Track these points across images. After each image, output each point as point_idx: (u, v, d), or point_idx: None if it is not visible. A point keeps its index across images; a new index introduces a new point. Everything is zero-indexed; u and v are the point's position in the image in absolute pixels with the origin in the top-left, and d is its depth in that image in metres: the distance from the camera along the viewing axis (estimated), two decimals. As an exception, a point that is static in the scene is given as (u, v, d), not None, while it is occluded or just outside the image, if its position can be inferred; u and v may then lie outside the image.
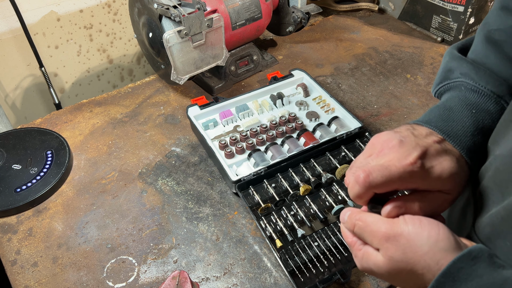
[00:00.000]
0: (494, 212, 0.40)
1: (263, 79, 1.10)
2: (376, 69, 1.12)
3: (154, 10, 0.87)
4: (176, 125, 0.97)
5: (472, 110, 0.46)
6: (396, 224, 0.39)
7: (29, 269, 0.70)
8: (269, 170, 0.79)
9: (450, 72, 0.51)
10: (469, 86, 0.48)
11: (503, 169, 0.40)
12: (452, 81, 0.50)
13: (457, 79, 0.49)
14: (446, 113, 0.47)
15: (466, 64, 0.49)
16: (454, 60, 0.51)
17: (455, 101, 0.48)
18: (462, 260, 0.35)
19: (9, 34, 1.12)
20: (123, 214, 0.78)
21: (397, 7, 1.32)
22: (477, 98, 0.47)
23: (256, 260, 0.71)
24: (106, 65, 1.35)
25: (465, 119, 0.46)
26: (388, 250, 0.39)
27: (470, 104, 0.47)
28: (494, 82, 0.47)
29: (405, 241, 0.38)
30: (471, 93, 0.48)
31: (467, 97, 0.47)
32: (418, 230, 0.38)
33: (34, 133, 0.91)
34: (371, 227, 0.40)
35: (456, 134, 0.45)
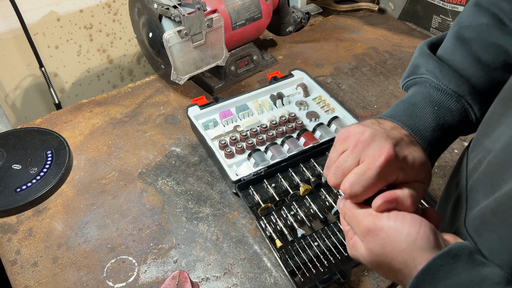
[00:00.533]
0: (484, 205, 0.40)
1: (263, 79, 1.10)
2: (376, 69, 1.12)
3: (154, 10, 0.87)
4: (176, 125, 0.97)
5: (434, 107, 0.49)
6: (378, 218, 0.40)
7: (29, 269, 0.70)
8: (269, 170, 0.79)
9: (417, 67, 0.52)
10: (433, 84, 0.50)
11: (495, 162, 0.40)
12: (418, 76, 0.52)
13: (422, 75, 0.51)
14: (410, 109, 0.49)
15: (432, 62, 0.51)
16: (422, 56, 0.52)
17: (419, 97, 0.50)
18: (441, 258, 0.36)
19: (9, 34, 1.12)
20: (123, 214, 0.78)
21: (397, 7, 1.32)
22: (440, 96, 0.49)
23: (256, 260, 0.71)
24: (106, 65, 1.35)
25: (427, 116, 0.48)
26: (369, 243, 0.40)
27: (433, 101, 0.49)
28: (456, 81, 0.49)
29: (385, 236, 0.39)
30: (434, 90, 0.50)
31: (431, 94, 0.49)
32: (399, 226, 0.39)
33: (34, 133, 0.91)
34: (356, 218, 0.42)
35: (418, 129, 0.47)
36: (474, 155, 0.47)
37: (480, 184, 0.42)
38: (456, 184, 0.50)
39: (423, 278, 0.36)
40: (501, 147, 0.40)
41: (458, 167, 0.52)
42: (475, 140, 0.48)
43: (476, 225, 0.41)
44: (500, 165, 0.40)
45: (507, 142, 0.40)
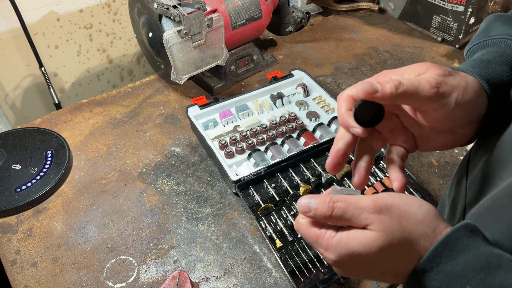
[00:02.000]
0: (482, 202, 0.40)
1: (263, 79, 1.09)
2: (376, 69, 1.12)
3: (154, 10, 0.87)
4: (176, 125, 0.97)
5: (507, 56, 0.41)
6: (383, 198, 0.37)
7: (29, 269, 0.70)
8: (269, 170, 0.79)
9: (488, 30, 0.46)
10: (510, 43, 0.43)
11: (491, 160, 0.40)
12: (490, 38, 0.45)
13: (496, 36, 0.45)
14: (483, 64, 0.42)
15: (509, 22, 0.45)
16: (497, 19, 0.46)
17: (492, 54, 0.43)
18: (460, 231, 0.34)
19: (9, 34, 1.12)
20: (123, 214, 0.78)
21: (397, 7, 1.32)
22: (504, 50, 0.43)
23: (256, 260, 0.71)
24: (106, 65, 1.35)
25: (504, 74, 0.41)
26: (383, 222, 0.36)
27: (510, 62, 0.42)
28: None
29: (399, 211, 0.36)
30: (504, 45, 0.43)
31: (508, 53, 0.42)
32: (408, 200, 0.37)
33: (34, 133, 0.91)
34: (356, 204, 0.37)
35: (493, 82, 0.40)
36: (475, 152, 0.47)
37: (478, 182, 0.42)
38: (456, 183, 0.50)
39: (440, 250, 0.34)
40: (497, 145, 0.40)
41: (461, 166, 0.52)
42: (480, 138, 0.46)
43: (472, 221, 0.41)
44: (497, 163, 0.40)
45: (502, 140, 0.40)
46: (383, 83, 0.37)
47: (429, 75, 0.38)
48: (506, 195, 0.36)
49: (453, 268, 0.33)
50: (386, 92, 0.36)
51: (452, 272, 0.33)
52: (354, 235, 0.37)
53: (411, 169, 0.86)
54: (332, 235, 0.37)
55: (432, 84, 0.37)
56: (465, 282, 0.33)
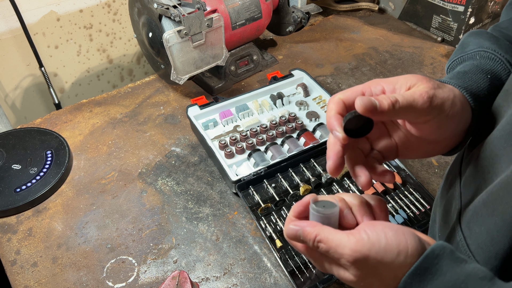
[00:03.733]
0: (477, 199, 0.40)
1: (263, 79, 1.09)
2: (376, 69, 1.12)
3: (154, 10, 0.87)
4: (176, 125, 0.97)
5: (487, 75, 0.44)
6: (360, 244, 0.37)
7: (29, 269, 0.70)
8: (269, 170, 0.79)
9: (465, 45, 0.49)
10: (485, 54, 0.46)
11: (484, 155, 0.40)
12: (467, 53, 0.48)
13: (471, 50, 0.47)
14: (461, 75, 0.44)
15: (484, 35, 0.48)
16: (471, 35, 0.49)
17: (469, 67, 0.45)
18: (426, 260, 0.35)
19: (9, 34, 1.12)
20: (123, 214, 0.78)
21: (397, 7, 1.32)
22: (493, 64, 0.45)
23: (256, 260, 0.71)
24: (106, 65, 1.35)
25: (481, 81, 0.43)
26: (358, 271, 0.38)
27: (485, 70, 0.44)
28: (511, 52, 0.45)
29: (374, 262, 0.37)
30: (486, 60, 0.46)
31: (482, 64, 0.45)
32: (387, 247, 0.37)
33: (34, 133, 0.91)
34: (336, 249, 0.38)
35: (471, 91, 0.42)
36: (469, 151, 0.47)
37: (473, 178, 0.42)
38: (450, 182, 0.50)
39: (410, 282, 0.36)
40: (489, 140, 0.40)
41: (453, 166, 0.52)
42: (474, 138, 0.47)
43: (467, 218, 0.41)
44: (490, 158, 0.40)
45: (494, 135, 0.40)
46: (381, 100, 0.37)
47: (421, 88, 0.39)
48: (501, 188, 0.36)
49: None
50: (384, 109, 0.37)
51: None
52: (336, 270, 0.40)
53: (411, 169, 0.86)
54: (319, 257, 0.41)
55: (425, 98, 0.38)
56: None
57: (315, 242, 0.39)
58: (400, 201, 0.77)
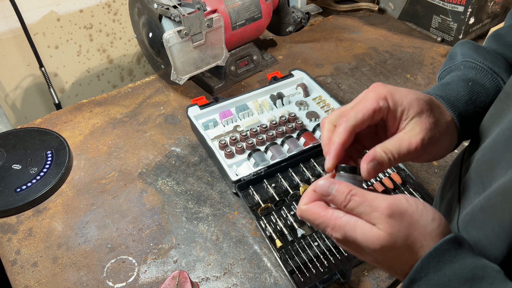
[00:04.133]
0: (475, 203, 0.41)
1: (263, 79, 1.10)
2: (376, 69, 1.12)
3: (154, 10, 0.87)
4: (176, 125, 0.97)
5: (468, 83, 0.48)
6: (400, 202, 0.38)
7: (29, 269, 0.70)
8: (269, 170, 0.79)
9: (453, 56, 0.53)
10: (468, 64, 0.49)
11: (483, 159, 0.41)
12: (454, 63, 0.51)
13: (457, 61, 0.51)
14: (443, 86, 0.48)
15: (468, 45, 0.51)
16: (458, 45, 0.53)
17: (453, 77, 0.49)
18: (448, 243, 0.36)
19: (9, 34, 1.12)
20: (123, 214, 0.78)
21: (397, 7, 1.32)
22: (475, 73, 0.49)
23: (256, 260, 0.71)
24: (106, 65, 1.35)
25: (461, 90, 0.47)
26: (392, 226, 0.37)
27: (467, 79, 0.48)
28: (491, 58, 0.49)
29: (410, 219, 0.38)
30: (469, 70, 0.49)
31: (466, 74, 0.49)
32: (423, 211, 0.38)
33: (34, 133, 0.91)
34: (371, 202, 0.38)
35: (449, 99, 0.46)
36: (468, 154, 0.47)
37: (472, 182, 0.43)
38: (450, 184, 0.50)
39: (428, 261, 0.36)
40: (488, 144, 0.41)
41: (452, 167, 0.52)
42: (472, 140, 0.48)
43: (465, 222, 0.42)
44: (489, 162, 0.40)
45: (493, 139, 0.40)
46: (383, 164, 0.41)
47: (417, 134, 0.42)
48: (499, 194, 0.36)
49: (440, 279, 0.35)
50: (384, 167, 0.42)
51: (439, 282, 0.35)
52: (361, 226, 0.39)
53: (411, 169, 0.86)
54: (339, 216, 0.40)
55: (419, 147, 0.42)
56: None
57: (348, 195, 0.39)
58: (400, 201, 0.77)
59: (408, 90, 0.44)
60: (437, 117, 0.44)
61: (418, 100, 0.43)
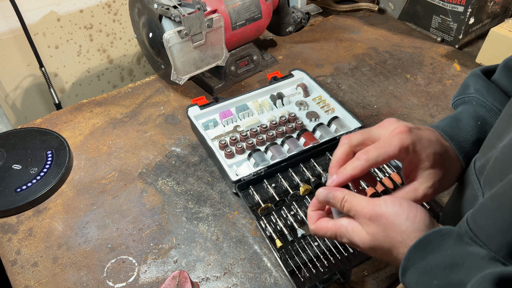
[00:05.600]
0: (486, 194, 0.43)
1: (263, 79, 1.10)
2: (376, 69, 1.13)
3: (154, 10, 0.87)
4: (176, 125, 0.97)
5: (477, 122, 0.53)
6: (378, 206, 0.45)
7: (29, 269, 0.70)
8: (269, 170, 0.79)
9: (467, 87, 0.56)
10: (479, 102, 0.54)
11: (502, 157, 0.42)
12: (467, 95, 0.56)
13: (470, 94, 0.55)
14: (455, 123, 0.53)
15: (481, 81, 0.55)
16: (473, 77, 0.56)
17: (465, 114, 0.54)
18: (432, 235, 0.41)
19: (9, 34, 1.12)
20: (123, 214, 0.78)
21: (397, 7, 1.32)
22: (484, 112, 0.53)
23: (256, 260, 0.71)
24: (106, 65, 1.35)
25: (470, 129, 0.52)
26: (371, 228, 0.45)
27: (477, 117, 0.53)
28: (501, 99, 0.53)
29: (385, 221, 0.44)
30: (480, 107, 0.53)
31: (476, 111, 0.53)
32: (398, 211, 0.44)
33: (34, 133, 0.91)
34: (356, 207, 0.46)
35: (458, 139, 0.52)
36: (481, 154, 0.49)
37: (490, 181, 0.44)
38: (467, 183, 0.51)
39: (414, 251, 0.41)
40: (508, 143, 0.42)
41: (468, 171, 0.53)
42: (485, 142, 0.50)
43: (473, 212, 0.43)
44: (508, 159, 0.42)
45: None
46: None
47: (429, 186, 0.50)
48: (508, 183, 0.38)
49: (425, 267, 0.40)
50: None
51: (424, 270, 0.40)
52: (356, 230, 0.47)
53: (411, 169, 0.86)
54: (343, 224, 0.48)
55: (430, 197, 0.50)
56: (433, 278, 0.39)
57: (342, 202, 0.47)
58: (400, 201, 0.77)
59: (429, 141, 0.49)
60: (448, 169, 0.50)
61: (435, 155, 0.49)
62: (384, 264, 0.70)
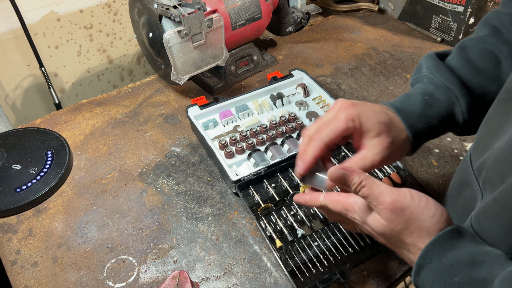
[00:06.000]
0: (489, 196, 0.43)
1: (263, 79, 1.10)
2: (376, 69, 1.13)
3: (154, 10, 0.87)
4: (176, 125, 0.97)
5: (425, 97, 0.57)
6: (402, 196, 0.43)
7: (29, 269, 0.70)
8: (269, 170, 0.79)
9: (421, 67, 0.61)
10: (428, 79, 0.58)
11: (502, 159, 0.43)
12: (420, 74, 0.60)
13: (422, 73, 0.60)
14: (405, 98, 0.59)
15: (431, 61, 0.60)
16: (425, 57, 0.61)
17: (416, 90, 0.59)
18: (450, 232, 0.41)
19: (9, 34, 1.12)
20: (123, 214, 0.78)
21: (397, 7, 1.32)
22: (433, 88, 0.57)
23: (256, 260, 0.71)
24: (106, 65, 1.35)
25: (417, 103, 0.57)
26: (391, 219, 0.43)
27: (425, 93, 0.57)
28: (447, 76, 0.57)
29: (410, 214, 0.43)
30: (429, 84, 0.58)
31: (426, 87, 0.58)
32: (425, 207, 0.43)
33: (34, 133, 0.91)
34: (377, 195, 0.44)
35: (405, 111, 0.56)
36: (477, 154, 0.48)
37: (491, 182, 0.44)
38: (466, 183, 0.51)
39: (432, 248, 0.41)
40: (506, 144, 0.42)
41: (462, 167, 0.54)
42: (478, 141, 0.50)
43: (477, 214, 0.44)
44: (508, 161, 0.42)
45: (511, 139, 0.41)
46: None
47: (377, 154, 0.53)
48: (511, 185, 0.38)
49: (443, 264, 0.40)
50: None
51: (442, 267, 0.40)
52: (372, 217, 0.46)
53: (411, 169, 0.86)
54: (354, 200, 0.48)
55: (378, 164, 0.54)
56: (453, 275, 0.39)
57: (359, 186, 0.45)
58: (400, 201, 0.77)
59: (373, 112, 0.54)
60: (394, 137, 0.54)
61: (380, 123, 0.53)
62: (384, 264, 0.70)
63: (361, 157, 0.54)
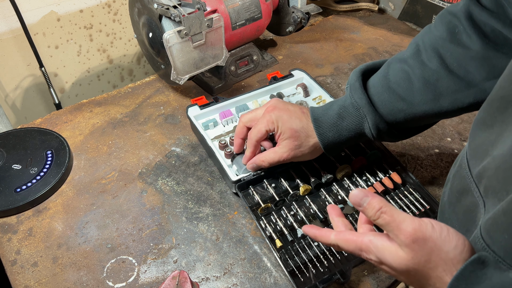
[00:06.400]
0: (498, 207, 0.41)
1: (263, 79, 1.10)
2: (376, 69, 1.12)
3: (154, 10, 0.87)
4: (176, 125, 0.97)
5: (340, 110, 0.68)
6: (425, 226, 0.41)
7: (29, 269, 0.70)
8: (269, 170, 0.79)
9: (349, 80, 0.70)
10: (347, 93, 0.69)
11: (505, 167, 0.41)
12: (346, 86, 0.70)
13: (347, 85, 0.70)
14: (328, 105, 0.70)
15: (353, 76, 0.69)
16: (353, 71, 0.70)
17: (338, 101, 0.70)
18: (473, 264, 0.38)
19: (9, 34, 1.12)
20: (123, 214, 0.78)
21: (397, 7, 1.32)
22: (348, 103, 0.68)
23: (256, 260, 0.71)
24: (106, 65, 1.35)
25: (332, 114, 0.68)
26: (414, 251, 0.41)
27: (342, 106, 0.68)
28: (359, 95, 0.66)
29: (433, 245, 0.40)
30: (347, 97, 0.68)
31: (344, 100, 0.68)
32: (447, 238, 0.41)
33: (34, 133, 0.91)
34: (399, 224, 0.41)
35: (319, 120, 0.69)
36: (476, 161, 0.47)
37: (494, 190, 0.43)
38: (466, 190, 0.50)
39: (457, 284, 0.38)
40: (508, 152, 0.41)
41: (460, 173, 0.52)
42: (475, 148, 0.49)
43: (487, 227, 0.42)
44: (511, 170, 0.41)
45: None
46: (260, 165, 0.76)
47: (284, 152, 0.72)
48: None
49: None
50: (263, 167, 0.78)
51: None
52: (388, 247, 0.43)
53: (411, 169, 0.86)
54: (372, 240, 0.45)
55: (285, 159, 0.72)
56: None
57: (378, 212, 0.43)
58: (400, 201, 0.77)
59: (289, 117, 0.69)
60: (301, 142, 0.69)
61: (291, 129, 0.69)
62: (384, 264, 0.70)
63: (273, 151, 0.72)
